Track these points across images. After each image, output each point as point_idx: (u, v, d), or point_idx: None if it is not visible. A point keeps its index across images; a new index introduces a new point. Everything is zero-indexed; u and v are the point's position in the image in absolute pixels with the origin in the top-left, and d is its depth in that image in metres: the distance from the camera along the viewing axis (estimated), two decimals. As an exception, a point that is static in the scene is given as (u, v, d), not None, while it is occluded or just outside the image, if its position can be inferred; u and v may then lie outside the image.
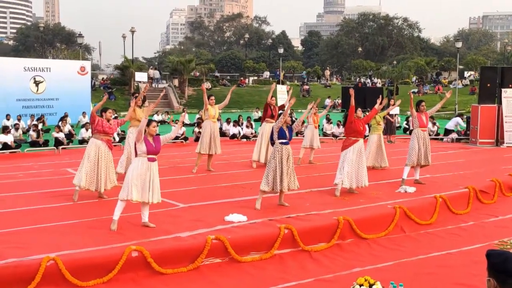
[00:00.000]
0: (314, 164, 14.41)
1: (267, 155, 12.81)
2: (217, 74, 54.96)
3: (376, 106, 11.17)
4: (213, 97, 13.10)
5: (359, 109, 10.54)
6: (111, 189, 9.71)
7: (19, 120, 22.61)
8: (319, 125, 16.65)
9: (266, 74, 57.01)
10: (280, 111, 13.16)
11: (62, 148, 17.82)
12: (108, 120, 9.83)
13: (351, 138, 10.30)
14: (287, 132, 9.19)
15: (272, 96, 13.56)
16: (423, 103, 11.61)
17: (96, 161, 9.49)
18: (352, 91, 10.59)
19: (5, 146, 17.75)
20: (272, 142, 9.32)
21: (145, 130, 7.76)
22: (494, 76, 20.05)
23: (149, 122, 7.83)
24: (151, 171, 7.73)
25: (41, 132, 20.02)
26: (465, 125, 22.20)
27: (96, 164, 9.48)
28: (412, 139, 11.31)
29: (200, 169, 12.99)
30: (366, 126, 12.73)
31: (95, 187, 9.55)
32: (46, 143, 19.21)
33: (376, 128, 13.74)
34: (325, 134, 22.99)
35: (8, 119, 22.09)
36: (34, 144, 19.18)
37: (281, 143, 9.09)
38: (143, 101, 13.53)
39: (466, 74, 55.51)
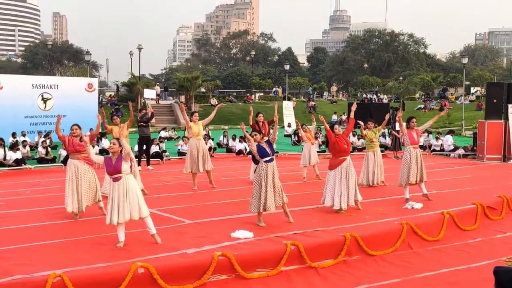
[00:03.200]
0: (322, 179, 14.34)
1: None
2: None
3: (352, 115, 10.87)
4: (196, 114, 12.99)
5: (336, 126, 10.37)
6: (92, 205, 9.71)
7: (23, 135, 22.75)
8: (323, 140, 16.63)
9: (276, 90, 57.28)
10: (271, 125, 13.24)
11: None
12: (79, 137, 9.58)
13: (339, 158, 10.11)
14: (267, 148, 9.01)
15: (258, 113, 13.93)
16: (414, 120, 11.34)
17: (76, 181, 9.42)
18: (354, 106, 10.54)
19: (16, 163, 17.90)
20: (256, 161, 9.15)
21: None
22: (501, 92, 20.02)
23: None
24: (117, 191, 7.64)
25: (49, 148, 20.15)
26: (449, 143, 22.17)
27: (76, 184, 9.42)
28: (405, 157, 11.17)
29: (204, 185, 12.99)
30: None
31: (78, 208, 9.48)
32: (53, 160, 19.33)
33: (370, 145, 13.47)
34: (331, 150, 22.93)
35: (14, 137, 22.23)
36: (41, 160, 19.29)
37: (266, 161, 8.94)
38: (151, 118, 13.68)
39: (473, 90, 55.48)
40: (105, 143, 19.89)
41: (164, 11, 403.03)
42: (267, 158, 8.95)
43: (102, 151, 19.41)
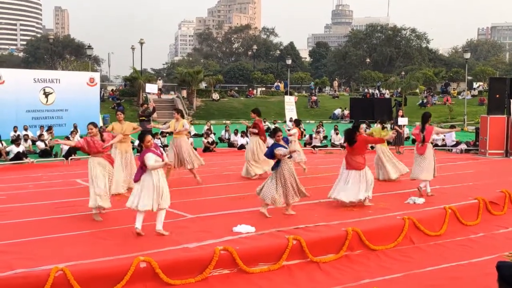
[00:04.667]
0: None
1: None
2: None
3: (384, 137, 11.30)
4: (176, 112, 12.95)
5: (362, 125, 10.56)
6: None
7: (25, 130, 22.75)
8: (325, 137, 16.58)
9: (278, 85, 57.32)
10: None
11: (71, 159, 17.89)
12: (97, 135, 9.37)
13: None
14: (285, 145, 9.43)
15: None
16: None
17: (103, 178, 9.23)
18: (391, 136, 11.57)
19: (17, 157, 17.91)
20: (271, 157, 9.37)
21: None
22: (503, 87, 19.97)
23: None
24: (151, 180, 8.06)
25: (46, 142, 20.15)
26: (453, 138, 22.19)
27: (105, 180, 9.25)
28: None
29: (206, 179, 13.01)
30: None
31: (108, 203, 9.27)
32: (55, 154, 19.36)
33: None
34: (333, 145, 22.95)
35: (15, 131, 22.24)
36: (44, 152, 19.31)
37: (289, 157, 9.28)
38: (152, 112, 13.62)
39: (475, 85, 55.34)
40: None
41: (166, 5, 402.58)
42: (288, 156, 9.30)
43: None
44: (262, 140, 13.73)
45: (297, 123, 15.42)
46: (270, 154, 9.42)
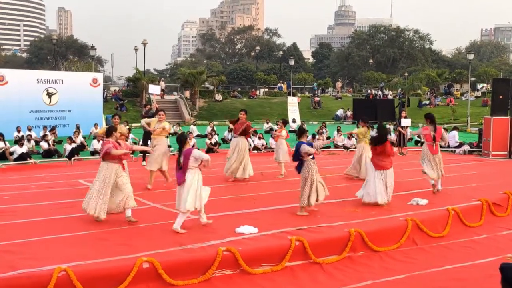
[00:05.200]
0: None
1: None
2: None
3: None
4: (161, 113, 12.68)
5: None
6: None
7: (29, 130, 22.79)
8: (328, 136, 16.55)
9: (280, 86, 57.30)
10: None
11: (74, 160, 17.93)
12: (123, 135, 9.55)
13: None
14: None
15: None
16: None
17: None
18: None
19: (21, 157, 17.95)
20: (297, 159, 9.57)
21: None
22: (507, 88, 19.94)
23: None
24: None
25: (50, 142, 20.19)
26: (457, 139, 22.17)
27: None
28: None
29: (209, 180, 13.00)
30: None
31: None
32: (58, 154, 19.39)
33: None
34: (336, 146, 22.94)
35: (18, 131, 22.28)
36: (48, 152, 19.34)
37: (312, 158, 9.57)
38: (156, 113, 13.54)
39: (479, 86, 55.25)
40: (95, 143, 19.81)
41: (169, 6, 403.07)
42: (311, 156, 9.54)
43: (94, 153, 19.35)
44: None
45: (285, 123, 15.41)
46: (298, 153, 9.55)
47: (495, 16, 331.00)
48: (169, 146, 12.30)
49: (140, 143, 17.58)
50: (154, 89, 18.59)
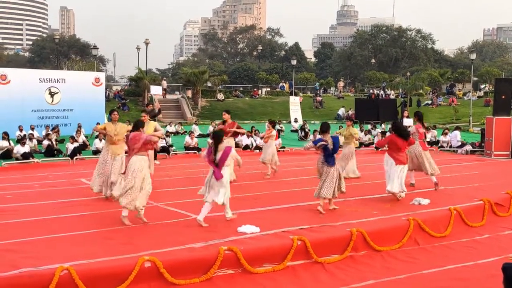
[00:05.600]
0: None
1: None
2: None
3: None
4: (144, 114, 12.37)
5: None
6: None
7: (32, 129, 22.80)
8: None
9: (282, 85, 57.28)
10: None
11: (76, 159, 17.94)
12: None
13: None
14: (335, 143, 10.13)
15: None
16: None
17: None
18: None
19: (23, 156, 17.99)
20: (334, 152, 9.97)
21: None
22: (509, 88, 19.92)
23: None
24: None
25: (52, 141, 20.21)
26: (459, 138, 22.14)
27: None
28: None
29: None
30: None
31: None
32: (60, 153, 19.42)
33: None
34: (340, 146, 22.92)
35: (21, 130, 22.29)
36: (49, 151, 19.36)
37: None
38: (158, 113, 13.49)
39: (481, 86, 55.13)
40: (97, 143, 19.85)
41: (171, 5, 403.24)
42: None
43: (96, 152, 19.36)
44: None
45: (273, 124, 15.41)
46: (336, 147, 10.01)
47: (497, 16, 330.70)
48: (171, 146, 12.22)
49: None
50: (156, 90, 18.63)
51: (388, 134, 19.72)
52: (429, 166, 11.99)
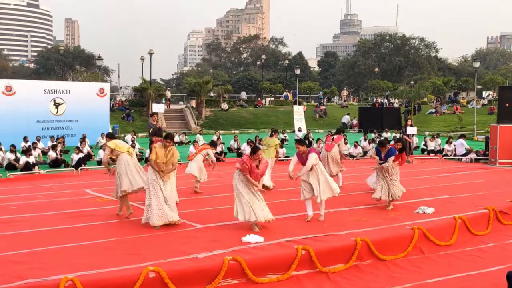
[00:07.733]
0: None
1: None
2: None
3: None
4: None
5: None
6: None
7: (38, 141, 22.86)
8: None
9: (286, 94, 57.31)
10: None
11: (81, 169, 17.99)
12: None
13: None
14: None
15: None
16: None
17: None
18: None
19: (27, 167, 18.04)
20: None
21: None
22: (513, 96, 19.87)
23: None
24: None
25: (57, 152, 20.28)
26: (466, 146, 22.08)
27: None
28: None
29: (215, 189, 13.01)
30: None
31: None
32: (66, 164, 19.46)
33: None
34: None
35: (26, 141, 22.36)
36: (55, 162, 19.40)
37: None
38: (160, 131, 13.26)
39: (485, 94, 55.04)
40: (102, 153, 19.91)
41: (175, 16, 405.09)
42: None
43: (100, 162, 19.37)
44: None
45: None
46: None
47: (500, 24, 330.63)
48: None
49: (148, 152, 17.61)
50: (158, 108, 18.58)
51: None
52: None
